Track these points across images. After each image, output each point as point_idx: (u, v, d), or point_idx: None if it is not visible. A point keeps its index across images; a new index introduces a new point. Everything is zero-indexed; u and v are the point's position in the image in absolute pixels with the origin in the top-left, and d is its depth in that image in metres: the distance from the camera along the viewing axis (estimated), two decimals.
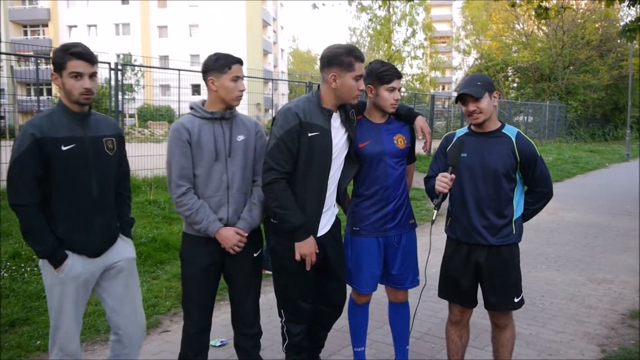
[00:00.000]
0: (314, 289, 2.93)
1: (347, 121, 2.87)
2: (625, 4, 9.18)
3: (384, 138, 2.99)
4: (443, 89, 58.54)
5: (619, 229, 8.07)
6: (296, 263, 2.74)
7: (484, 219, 2.78)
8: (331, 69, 2.70)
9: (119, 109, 8.85)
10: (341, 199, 3.04)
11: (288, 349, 2.94)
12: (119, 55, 36.85)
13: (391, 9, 29.22)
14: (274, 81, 15.74)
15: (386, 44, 30.09)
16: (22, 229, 2.48)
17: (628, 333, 4.08)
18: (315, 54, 65.69)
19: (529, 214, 2.90)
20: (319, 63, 2.84)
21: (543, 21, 13.97)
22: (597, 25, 32.21)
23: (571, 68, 32.46)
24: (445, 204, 2.84)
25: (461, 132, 2.94)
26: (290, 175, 2.70)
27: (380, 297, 3.79)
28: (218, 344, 3.73)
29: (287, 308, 2.90)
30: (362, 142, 2.96)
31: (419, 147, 3.22)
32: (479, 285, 2.91)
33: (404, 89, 24.74)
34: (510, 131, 2.82)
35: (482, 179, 2.77)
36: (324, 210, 2.82)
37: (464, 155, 2.78)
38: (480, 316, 3.57)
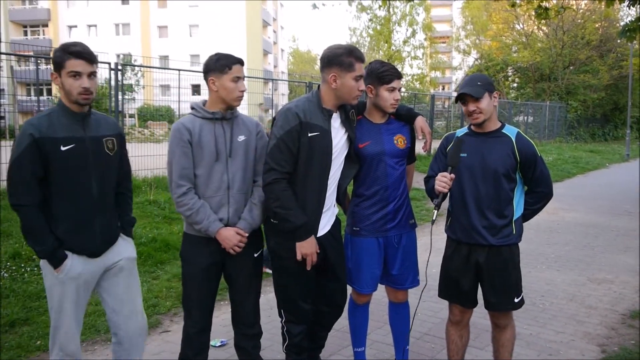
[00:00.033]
0: (314, 289, 2.93)
1: (347, 121, 2.87)
2: (625, 4, 9.18)
3: (384, 138, 2.99)
4: (443, 89, 58.52)
5: (619, 229, 8.07)
6: (296, 263, 2.74)
7: (484, 219, 2.78)
8: (331, 69, 2.70)
9: (119, 109, 8.84)
10: (341, 199, 3.04)
11: (288, 349, 2.94)
12: (119, 55, 36.87)
13: (391, 9, 29.21)
14: (274, 81, 15.71)
15: (386, 44, 30.09)
16: (23, 229, 2.48)
17: (628, 333, 4.08)
18: (316, 54, 65.68)
19: (529, 214, 2.91)
20: (319, 63, 2.84)
21: (543, 21, 13.96)
22: (597, 25, 32.19)
23: (571, 68, 32.45)
24: (445, 204, 2.84)
25: (461, 132, 2.94)
26: (290, 175, 2.70)
27: (380, 297, 3.79)
28: (218, 344, 3.73)
29: (287, 308, 2.90)
30: (362, 142, 2.96)
31: (419, 147, 3.22)
32: (479, 285, 2.91)
33: (404, 89, 24.72)
34: (510, 131, 2.82)
35: (482, 179, 2.77)
36: (324, 210, 2.82)
37: (464, 155, 2.78)
38: (480, 316, 3.57)
